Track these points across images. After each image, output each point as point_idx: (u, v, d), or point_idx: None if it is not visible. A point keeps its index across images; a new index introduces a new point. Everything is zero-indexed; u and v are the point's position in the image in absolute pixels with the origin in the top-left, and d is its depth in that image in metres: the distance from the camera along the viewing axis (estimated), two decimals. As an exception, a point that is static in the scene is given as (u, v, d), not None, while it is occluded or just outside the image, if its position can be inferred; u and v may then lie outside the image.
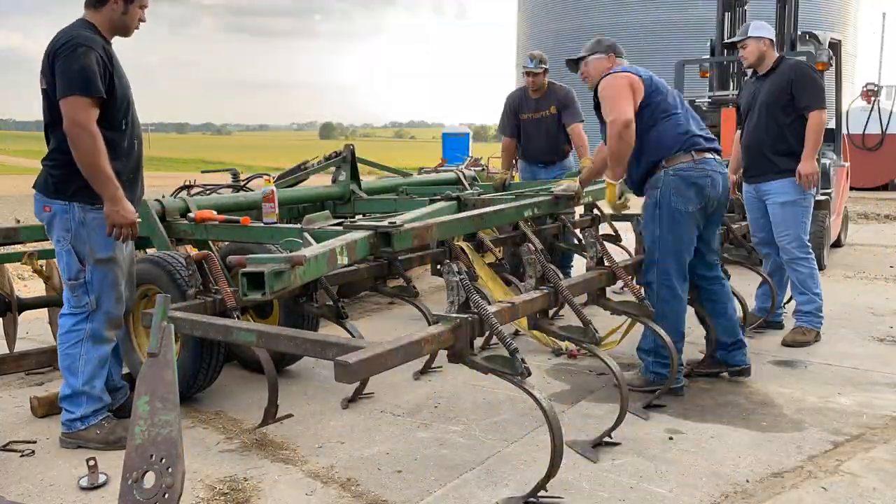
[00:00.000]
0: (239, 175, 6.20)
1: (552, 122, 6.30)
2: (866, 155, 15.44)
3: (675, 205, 3.72)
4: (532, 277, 3.12)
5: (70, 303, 3.31)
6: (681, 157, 3.74)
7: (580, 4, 23.28)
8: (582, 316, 3.00)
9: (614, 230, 6.32)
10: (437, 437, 3.37)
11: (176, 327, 2.72)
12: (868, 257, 8.31)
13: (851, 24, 24.25)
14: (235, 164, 10.08)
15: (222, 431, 3.47)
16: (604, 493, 2.82)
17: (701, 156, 3.76)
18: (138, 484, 2.17)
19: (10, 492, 2.88)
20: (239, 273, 2.67)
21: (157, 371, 2.28)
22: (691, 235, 3.78)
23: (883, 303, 5.97)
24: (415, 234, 3.46)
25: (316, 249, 2.98)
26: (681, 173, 3.72)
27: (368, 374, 2.49)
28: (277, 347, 2.87)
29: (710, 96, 7.61)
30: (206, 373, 3.73)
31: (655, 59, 20.25)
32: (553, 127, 6.29)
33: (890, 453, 3.17)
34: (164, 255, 3.78)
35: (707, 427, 3.46)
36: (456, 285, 2.69)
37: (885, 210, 12.85)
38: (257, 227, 3.97)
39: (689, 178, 3.72)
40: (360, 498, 2.81)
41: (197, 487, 2.89)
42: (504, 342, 2.58)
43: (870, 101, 15.64)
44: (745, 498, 2.79)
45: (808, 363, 4.42)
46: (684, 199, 3.71)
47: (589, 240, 3.57)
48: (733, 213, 5.30)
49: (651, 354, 3.87)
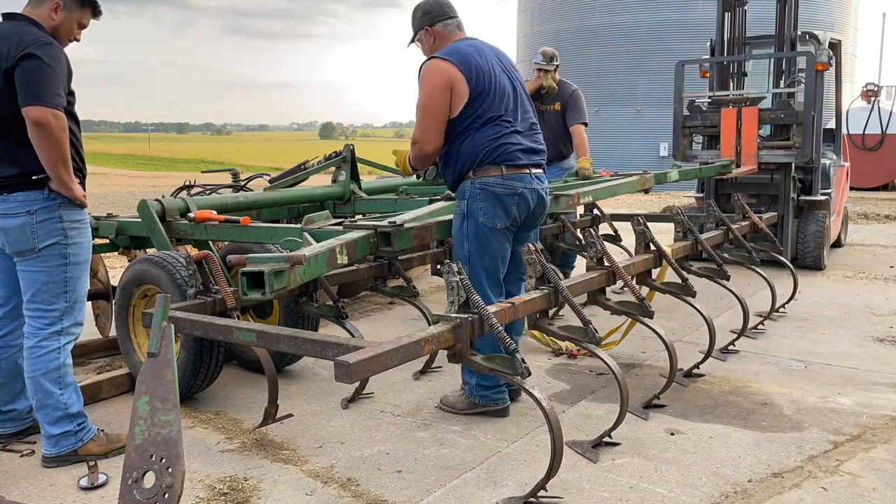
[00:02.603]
0: (239, 175, 6.20)
1: (555, 119, 6.29)
2: (866, 155, 15.46)
3: (482, 220, 3.42)
4: (532, 277, 3.12)
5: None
6: (490, 169, 3.41)
7: (580, 4, 23.23)
8: (582, 316, 3.00)
9: (614, 230, 6.33)
10: (437, 437, 3.37)
11: (176, 327, 2.73)
12: (868, 257, 8.32)
13: (851, 24, 24.21)
14: (235, 164, 10.08)
15: (222, 431, 3.46)
16: (604, 493, 2.82)
17: (512, 171, 3.43)
18: (138, 484, 2.17)
19: (10, 492, 2.88)
20: (239, 273, 2.67)
21: (157, 371, 2.28)
22: (502, 250, 3.50)
23: (883, 303, 5.97)
24: (415, 233, 3.46)
25: (316, 249, 2.98)
26: (486, 188, 3.42)
27: (368, 374, 2.49)
28: (277, 347, 2.87)
29: (710, 96, 7.61)
30: (206, 373, 3.73)
31: (655, 59, 20.30)
32: (555, 124, 6.27)
33: (890, 453, 3.17)
34: (164, 255, 3.78)
35: (707, 427, 3.46)
36: (456, 285, 2.69)
37: (885, 210, 12.85)
38: (257, 227, 3.97)
39: (496, 193, 3.42)
40: (360, 498, 2.81)
41: (197, 487, 2.89)
42: (504, 342, 2.58)
43: (870, 101, 15.66)
44: (745, 498, 2.79)
45: (808, 363, 4.43)
46: (491, 215, 3.42)
47: (589, 240, 3.56)
48: (733, 213, 5.31)
49: (476, 376, 3.55)
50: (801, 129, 7.00)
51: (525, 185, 3.48)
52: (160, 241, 4.11)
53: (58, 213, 3.01)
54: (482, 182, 3.43)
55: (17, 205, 2.97)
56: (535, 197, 3.54)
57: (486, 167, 3.42)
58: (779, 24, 7.48)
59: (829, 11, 22.23)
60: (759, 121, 7.10)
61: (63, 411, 3.06)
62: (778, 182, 7.26)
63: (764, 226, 5.31)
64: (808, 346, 4.79)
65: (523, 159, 3.48)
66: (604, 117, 21.20)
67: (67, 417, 3.08)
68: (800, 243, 7.32)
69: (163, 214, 4.19)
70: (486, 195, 3.43)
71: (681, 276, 3.82)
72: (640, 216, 4.05)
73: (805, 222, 7.35)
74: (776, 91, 7.63)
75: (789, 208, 7.18)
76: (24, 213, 2.97)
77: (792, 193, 7.21)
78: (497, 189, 3.43)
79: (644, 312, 3.37)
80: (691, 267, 4.24)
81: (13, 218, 2.97)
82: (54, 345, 3.05)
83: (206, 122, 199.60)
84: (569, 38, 23.18)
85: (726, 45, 7.69)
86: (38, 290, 3.03)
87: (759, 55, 8.17)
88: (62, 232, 3.03)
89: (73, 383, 3.12)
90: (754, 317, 5.07)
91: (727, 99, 7.44)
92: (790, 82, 7.45)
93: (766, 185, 7.36)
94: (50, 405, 3.05)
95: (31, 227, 2.97)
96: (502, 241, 3.50)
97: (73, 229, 3.07)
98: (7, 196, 2.97)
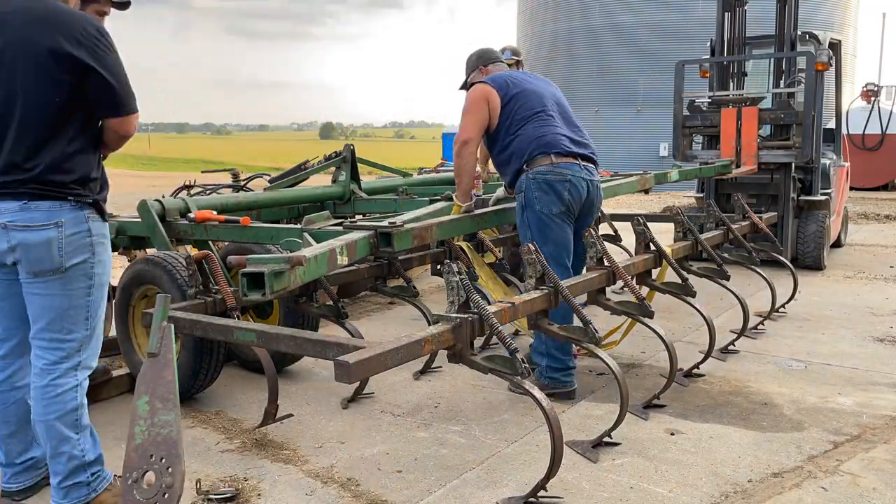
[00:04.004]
0: (239, 175, 6.21)
1: None
2: (866, 155, 15.45)
3: (539, 208, 3.75)
4: (532, 277, 3.12)
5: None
6: (539, 160, 3.76)
7: (580, 4, 23.21)
8: (582, 316, 3.00)
9: (614, 230, 6.33)
10: (437, 437, 3.37)
11: (176, 327, 2.72)
12: (868, 257, 8.32)
13: (851, 24, 24.21)
14: (235, 164, 10.09)
15: (222, 431, 3.47)
16: (604, 493, 2.82)
17: (562, 160, 3.76)
18: (138, 484, 2.17)
19: (10, 492, 2.88)
20: (239, 273, 2.67)
21: (157, 371, 2.28)
22: (564, 236, 3.81)
23: (883, 303, 5.97)
24: (415, 234, 3.46)
25: (316, 250, 2.98)
26: (539, 177, 3.75)
27: (368, 374, 2.49)
28: (277, 347, 2.87)
29: (710, 96, 7.61)
30: (206, 373, 3.73)
31: (655, 59, 20.27)
32: None
33: (890, 453, 3.17)
34: (164, 255, 3.78)
35: (707, 427, 3.46)
36: (456, 285, 2.69)
37: (885, 210, 12.84)
38: (257, 227, 3.97)
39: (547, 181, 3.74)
40: (360, 498, 2.81)
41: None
42: (504, 342, 2.58)
43: (870, 101, 15.65)
44: (745, 498, 2.79)
45: (808, 363, 4.43)
46: (546, 202, 3.74)
47: (589, 240, 3.57)
48: (733, 213, 5.31)
49: (546, 357, 3.80)
50: (801, 129, 7.00)
51: (574, 173, 3.77)
52: (160, 241, 4.12)
53: (87, 225, 2.56)
54: (534, 172, 3.75)
55: (41, 215, 2.47)
56: (585, 186, 3.81)
57: (537, 158, 3.76)
58: (779, 24, 7.48)
59: (829, 11, 22.22)
60: (759, 121, 7.10)
61: (79, 460, 2.62)
62: (778, 182, 7.26)
63: (764, 226, 5.31)
64: (808, 346, 4.79)
65: (572, 148, 3.80)
66: (604, 117, 21.17)
67: (82, 467, 2.63)
68: (800, 243, 7.32)
69: (163, 214, 4.19)
70: (539, 184, 3.74)
71: (681, 276, 3.82)
72: (640, 216, 4.05)
73: (805, 222, 7.35)
74: (776, 91, 7.63)
75: (789, 208, 7.18)
76: (51, 225, 2.48)
77: (792, 193, 7.21)
78: (549, 177, 3.73)
79: (644, 312, 3.37)
80: (691, 267, 4.24)
81: (38, 231, 2.47)
82: (72, 382, 2.59)
83: (206, 122, 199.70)
84: (569, 38, 23.17)
85: (726, 45, 7.69)
86: (56, 317, 2.55)
87: (759, 55, 8.17)
88: (91, 248, 2.58)
89: (89, 426, 2.68)
90: (754, 317, 5.07)
91: (727, 99, 7.44)
92: (790, 82, 7.45)
93: (766, 185, 7.36)
94: (65, 453, 2.60)
95: (58, 242, 2.49)
96: (562, 227, 3.78)
97: (100, 244, 2.63)
98: (29, 203, 2.46)
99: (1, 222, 2.46)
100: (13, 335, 2.68)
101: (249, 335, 2.88)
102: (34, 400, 2.61)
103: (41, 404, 2.58)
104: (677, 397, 3.80)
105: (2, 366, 2.70)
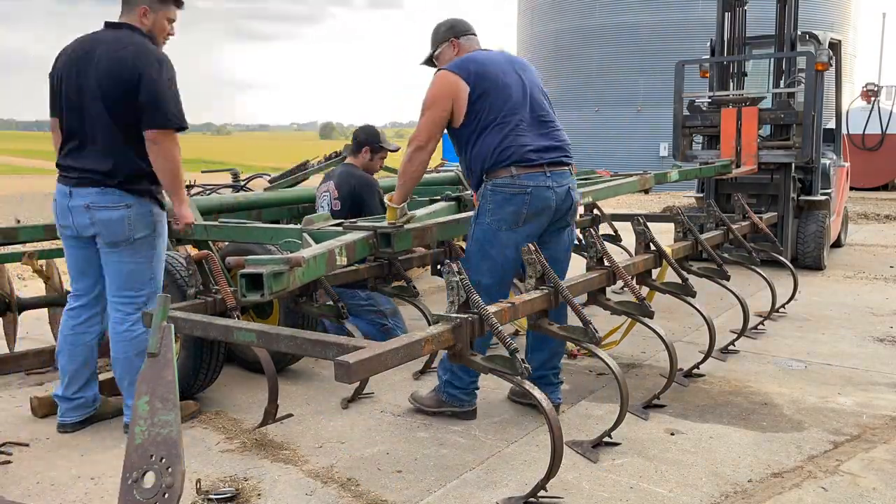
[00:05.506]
0: (239, 175, 6.21)
1: None
2: (866, 155, 15.46)
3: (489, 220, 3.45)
4: (532, 277, 3.12)
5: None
6: (500, 171, 3.43)
7: (580, 4, 23.22)
8: (582, 316, 3.00)
9: (614, 230, 6.33)
10: (437, 437, 3.37)
11: (176, 327, 2.72)
12: (868, 257, 8.32)
13: (851, 24, 24.21)
14: (235, 164, 10.09)
15: (222, 431, 3.47)
16: (604, 493, 2.82)
17: (523, 171, 3.41)
18: (138, 484, 2.17)
19: (10, 492, 2.88)
20: (238, 273, 2.67)
21: (157, 371, 2.28)
22: (506, 254, 3.46)
23: (883, 303, 5.97)
24: (415, 234, 3.46)
25: (315, 250, 2.98)
26: (496, 189, 3.44)
27: (368, 374, 2.49)
28: (277, 347, 2.87)
29: (710, 96, 7.61)
30: (206, 373, 3.73)
31: (655, 59, 20.28)
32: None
33: (890, 453, 3.17)
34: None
35: (707, 427, 3.46)
36: (456, 285, 2.69)
37: (885, 210, 12.85)
38: (257, 227, 3.97)
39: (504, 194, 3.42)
40: (360, 498, 2.81)
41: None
42: (504, 342, 2.58)
43: (870, 101, 15.66)
44: (745, 498, 2.79)
45: (808, 363, 4.43)
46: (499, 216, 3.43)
47: (589, 240, 3.56)
48: (733, 213, 5.31)
49: (448, 373, 3.55)
50: (801, 129, 7.00)
51: (538, 183, 3.44)
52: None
53: (150, 207, 3.29)
54: (493, 183, 3.45)
55: (116, 197, 3.20)
56: (551, 195, 3.48)
57: (497, 170, 3.44)
58: (779, 24, 7.49)
59: (829, 11, 22.23)
60: (759, 121, 7.10)
61: None
62: (778, 182, 7.26)
63: (764, 226, 5.32)
64: (808, 346, 4.79)
65: (535, 159, 3.46)
66: (604, 117, 21.17)
67: None
68: (800, 243, 7.32)
69: (163, 214, 4.18)
70: (496, 195, 3.44)
71: (681, 276, 3.82)
72: (640, 216, 4.05)
73: (805, 222, 7.35)
74: (776, 91, 7.63)
75: (789, 208, 7.18)
76: (122, 206, 3.20)
77: (792, 193, 7.22)
78: (507, 189, 3.42)
79: (644, 312, 3.37)
80: (691, 267, 4.24)
81: (114, 210, 3.19)
82: (143, 327, 3.27)
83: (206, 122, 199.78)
84: (569, 38, 23.18)
85: (726, 45, 7.69)
86: (128, 278, 3.27)
87: (759, 55, 8.17)
88: (153, 225, 3.31)
89: None
90: (754, 317, 5.07)
91: (727, 99, 7.44)
92: (790, 82, 7.45)
93: (766, 185, 7.37)
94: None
95: (128, 219, 3.21)
96: (507, 246, 3.45)
97: (160, 223, 3.36)
98: (105, 189, 3.19)
99: (84, 203, 3.19)
100: (90, 291, 3.42)
101: (249, 335, 2.88)
102: (114, 343, 3.31)
103: (121, 346, 3.29)
104: (677, 397, 3.80)
105: (80, 313, 3.43)
